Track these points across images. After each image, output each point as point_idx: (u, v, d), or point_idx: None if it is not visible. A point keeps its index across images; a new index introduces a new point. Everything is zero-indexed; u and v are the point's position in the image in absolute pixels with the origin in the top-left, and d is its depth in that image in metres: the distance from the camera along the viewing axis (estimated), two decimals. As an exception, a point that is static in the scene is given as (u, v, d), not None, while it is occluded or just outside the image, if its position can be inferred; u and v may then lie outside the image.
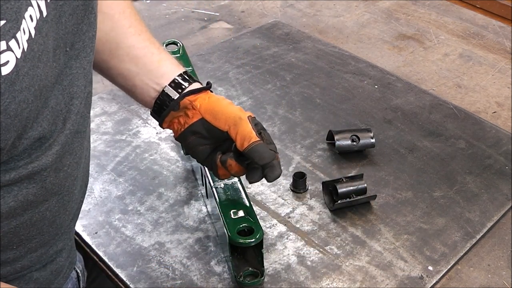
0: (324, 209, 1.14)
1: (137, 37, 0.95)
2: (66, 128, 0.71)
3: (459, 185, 1.20)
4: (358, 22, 1.85)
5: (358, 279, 1.01)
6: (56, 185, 0.73)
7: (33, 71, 0.61)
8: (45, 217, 0.74)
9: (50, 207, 0.74)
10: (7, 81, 0.57)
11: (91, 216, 1.12)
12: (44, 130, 0.66)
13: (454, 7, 1.92)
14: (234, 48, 1.64)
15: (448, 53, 1.69)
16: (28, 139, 0.64)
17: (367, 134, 1.25)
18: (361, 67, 1.56)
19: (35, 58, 0.61)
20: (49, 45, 0.64)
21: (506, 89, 1.53)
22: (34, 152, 0.67)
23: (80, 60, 0.73)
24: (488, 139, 1.32)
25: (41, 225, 0.74)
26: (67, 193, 0.76)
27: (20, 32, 0.58)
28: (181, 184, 1.19)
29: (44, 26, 0.63)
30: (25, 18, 0.59)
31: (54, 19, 0.66)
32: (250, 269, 0.99)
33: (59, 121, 0.70)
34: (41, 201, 0.72)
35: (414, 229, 1.10)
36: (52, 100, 0.67)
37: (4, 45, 0.56)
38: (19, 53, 0.58)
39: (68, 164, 0.74)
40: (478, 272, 1.04)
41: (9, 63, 0.57)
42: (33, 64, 0.61)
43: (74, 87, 0.72)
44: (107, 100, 1.42)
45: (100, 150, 1.28)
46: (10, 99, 0.58)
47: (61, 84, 0.69)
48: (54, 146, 0.69)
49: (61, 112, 0.70)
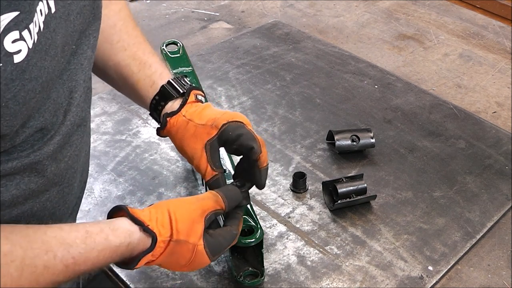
0: (324, 209, 1.14)
1: (122, 53, 0.96)
2: (67, 120, 0.73)
3: (459, 185, 1.20)
4: (358, 22, 1.85)
5: (358, 279, 1.01)
6: (57, 175, 0.74)
7: (41, 63, 0.63)
8: (46, 208, 0.75)
9: (50, 197, 0.75)
10: (18, 68, 0.59)
11: (91, 216, 1.12)
12: (46, 121, 0.68)
13: (454, 7, 1.93)
14: (234, 48, 1.64)
15: (448, 53, 1.69)
16: (30, 128, 0.66)
17: (367, 134, 1.25)
18: (361, 67, 1.56)
19: (43, 50, 0.63)
20: (57, 40, 0.66)
21: (506, 89, 1.53)
22: (36, 143, 0.68)
23: (78, 56, 0.74)
24: (488, 139, 1.32)
25: (41, 215, 0.75)
26: (67, 184, 0.77)
27: (32, 24, 0.60)
28: (181, 184, 1.19)
29: (52, 21, 0.65)
30: (36, 12, 0.61)
31: (63, 16, 0.68)
32: (250, 269, 0.99)
33: (60, 114, 0.71)
34: (42, 191, 0.73)
35: (414, 229, 1.10)
36: (54, 92, 0.69)
37: (17, 35, 0.58)
38: (30, 43, 0.60)
39: (68, 155, 0.75)
40: (478, 272, 1.04)
41: (22, 52, 0.59)
42: (41, 56, 0.63)
43: (73, 82, 0.74)
44: (107, 100, 1.42)
45: (100, 150, 1.28)
46: (20, 86, 0.60)
47: (61, 78, 0.71)
48: (55, 137, 0.71)
49: (61, 104, 0.71)
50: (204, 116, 0.92)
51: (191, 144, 0.92)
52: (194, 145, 0.91)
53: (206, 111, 0.93)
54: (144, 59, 0.96)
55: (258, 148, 0.88)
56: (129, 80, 0.96)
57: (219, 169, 0.91)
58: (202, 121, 0.91)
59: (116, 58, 0.95)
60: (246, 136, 0.89)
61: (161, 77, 0.96)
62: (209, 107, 0.95)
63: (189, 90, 0.95)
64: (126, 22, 0.97)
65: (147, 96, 0.95)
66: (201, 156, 0.91)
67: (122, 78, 0.96)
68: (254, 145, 0.88)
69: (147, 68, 0.96)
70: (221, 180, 0.91)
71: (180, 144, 0.93)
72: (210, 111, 0.93)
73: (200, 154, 0.91)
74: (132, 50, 0.96)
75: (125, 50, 0.96)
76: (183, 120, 0.93)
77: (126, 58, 0.95)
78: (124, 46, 0.96)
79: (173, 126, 0.93)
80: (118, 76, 0.96)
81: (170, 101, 0.94)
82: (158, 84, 0.95)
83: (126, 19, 0.97)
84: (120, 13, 0.97)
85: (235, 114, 0.92)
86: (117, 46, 0.95)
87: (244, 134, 0.89)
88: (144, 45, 0.98)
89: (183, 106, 0.93)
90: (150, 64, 0.96)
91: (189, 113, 0.93)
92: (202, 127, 0.91)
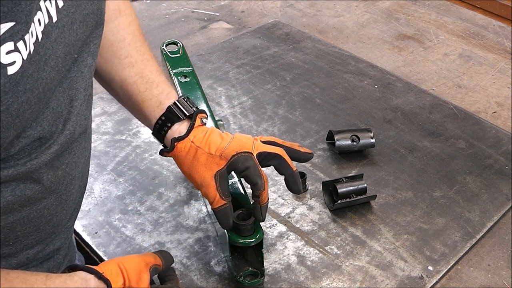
0: (324, 209, 1.14)
1: (130, 69, 0.96)
2: (66, 129, 0.72)
3: (459, 185, 1.20)
4: (358, 22, 1.85)
5: (358, 279, 1.01)
6: (54, 183, 0.73)
7: (37, 74, 0.62)
8: (43, 215, 0.75)
9: (47, 205, 0.75)
10: (12, 81, 0.58)
11: (91, 216, 1.12)
12: (44, 130, 0.67)
13: (454, 7, 1.93)
14: (234, 48, 1.64)
15: (448, 53, 1.69)
16: (27, 138, 0.65)
17: (367, 134, 1.25)
18: (361, 67, 1.56)
19: (41, 61, 0.62)
20: (58, 50, 0.65)
21: (506, 89, 1.53)
22: (33, 152, 0.67)
23: (78, 64, 0.74)
24: (488, 139, 1.32)
25: (38, 222, 0.75)
26: (65, 191, 0.77)
27: (28, 35, 0.59)
28: (181, 184, 1.19)
29: (53, 31, 0.64)
30: (34, 22, 0.60)
31: (67, 25, 0.67)
32: (250, 269, 0.99)
33: (59, 123, 0.71)
34: (39, 198, 0.73)
35: (414, 229, 1.10)
36: (53, 101, 0.68)
37: (12, 46, 0.57)
38: (25, 54, 0.59)
39: (66, 163, 0.75)
40: (478, 272, 1.04)
41: (16, 64, 0.58)
42: (39, 67, 0.62)
43: (73, 90, 0.73)
44: (107, 100, 1.42)
45: (100, 150, 1.28)
46: (13, 98, 0.59)
47: (61, 86, 0.70)
48: (53, 146, 0.70)
49: (61, 113, 0.71)
50: (213, 144, 0.93)
51: (200, 173, 0.93)
52: (204, 174, 0.93)
53: (213, 137, 0.94)
54: (151, 78, 0.96)
55: (262, 185, 0.93)
56: (134, 98, 0.96)
57: (227, 198, 0.94)
58: (211, 150, 0.93)
59: (123, 74, 0.95)
60: (252, 171, 0.92)
61: (168, 98, 0.96)
62: (214, 133, 0.95)
63: (195, 114, 0.95)
64: (135, 37, 0.97)
65: (153, 116, 0.96)
66: (210, 185, 0.93)
67: (127, 95, 0.96)
68: (259, 181, 0.92)
69: (154, 88, 0.96)
70: (229, 209, 0.94)
71: (188, 170, 0.95)
72: (217, 138, 0.94)
73: (209, 183, 0.93)
74: (140, 67, 0.96)
75: (132, 66, 0.96)
76: (191, 146, 0.94)
77: (133, 75, 0.96)
78: (132, 62, 0.96)
79: (181, 151, 0.94)
80: (124, 92, 0.97)
81: (176, 123, 0.95)
82: (165, 104, 0.95)
83: (135, 34, 0.97)
84: (129, 27, 0.97)
85: (242, 144, 0.94)
86: (125, 62, 0.95)
87: (251, 168, 0.92)
88: (152, 62, 0.98)
89: (190, 131, 0.94)
90: (157, 84, 0.96)
91: (197, 139, 0.94)
92: (211, 157, 0.93)
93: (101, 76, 0.97)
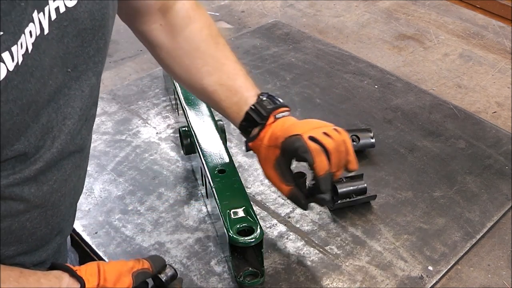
0: (324, 209, 1.14)
1: (209, 78, 0.98)
2: (54, 147, 0.71)
3: (459, 185, 1.20)
4: (358, 22, 1.85)
5: (358, 279, 1.01)
6: (39, 197, 0.73)
7: (23, 85, 0.61)
8: (25, 227, 0.74)
9: (31, 218, 0.74)
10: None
11: (91, 216, 1.12)
12: (30, 145, 0.67)
13: (454, 7, 1.93)
14: (234, 48, 1.62)
15: (448, 53, 1.69)
16: (12, 151, 0.65)
17: (367, 134, 1.25)
18: (361, 67, 1.56)
19: (28, 72, 0.61)
20: (45, 62, 0.64)
21: (506, 89, 1.53)
22: (17, 165, 0.67)
23: (80, 82, 0.73)
24: (488, 139, 1.31)
25: (19, 234, 0.74)
26: (51, 207, 0.76)
27: (16, 46, 0.58)
28: (181, 184, 1.19)
29: (42, 43, 0.63)
30: (24, 33, 0.59)
31: (56, 38, 0.66)
32: (250, 269, 0.99)
33: (48, 139, 0.70)
34: (22, 211, 0.72)
35: (414, 229, 1.10)
36: (44, 117, 0.68)
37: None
38: (11, 65, 0.58)
39: (54, 179, 0.74)
40: (478, 272, 1.04)
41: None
42: (25, 78, 0.61)
43: (69, 108, 0.72)
44: (107, 100, 1.42)
45: (100, 150, 1.28)
46: None
47: (56, 103, 0.69)
48: (38, 162, 0.69)
49: (51, 130, 0.70)
50: (272, 136, 0.95)
51: (263, 167, 0.98)
52: (265, 167, 0.98)
53: (275, 128, 0.96)
54: (229, 85, 0.98)
55: (310, 158, 0.91)
56: (218, 105, 1.00)
57: (290, 183, 0.95)
58: (267, 143, 0.95)
59: (202, 83, 0.98)
60: (300, 150, 0.92)
61: (246, 103, 0.98)
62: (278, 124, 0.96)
63: (269, 113, 0.96)
64: (208, 43, 0.98)
65: (236, 122, 0.99)
66: (272, 177, 0.97)
67: (211, 102, 1.02)
68: (307, 156, 0.91)
69: (233, 95, 0.98)
70: (296, 192, 0.96)
71: (262, 167, 0.99)
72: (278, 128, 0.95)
73: (271, 175, 0.97)
74: (218, 75, 0.98)
75: (211, 75, 0.98)
76: (258, 145, 0.97)
77: (213, 84, 0.98)
78: (209, 71, 0.98)
79: (255, 150, 0.99)
80: (206, 99, 1.02)
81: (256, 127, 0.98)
82: (244, 110, 0.98)
83: (208, 40, 0.99)
84: (201, 32, 0.98)
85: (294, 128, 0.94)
86: (203, 71, 0.98)
87: (299, 147, 0.91)
88: (228, 65, 0.99)
89: (259, 131, 0.97)
90: (236, 90, 0.98)
91: (265, 136, 0.96)
92: (267, 149, 0.95)
93: (183, 83, 1.02)
